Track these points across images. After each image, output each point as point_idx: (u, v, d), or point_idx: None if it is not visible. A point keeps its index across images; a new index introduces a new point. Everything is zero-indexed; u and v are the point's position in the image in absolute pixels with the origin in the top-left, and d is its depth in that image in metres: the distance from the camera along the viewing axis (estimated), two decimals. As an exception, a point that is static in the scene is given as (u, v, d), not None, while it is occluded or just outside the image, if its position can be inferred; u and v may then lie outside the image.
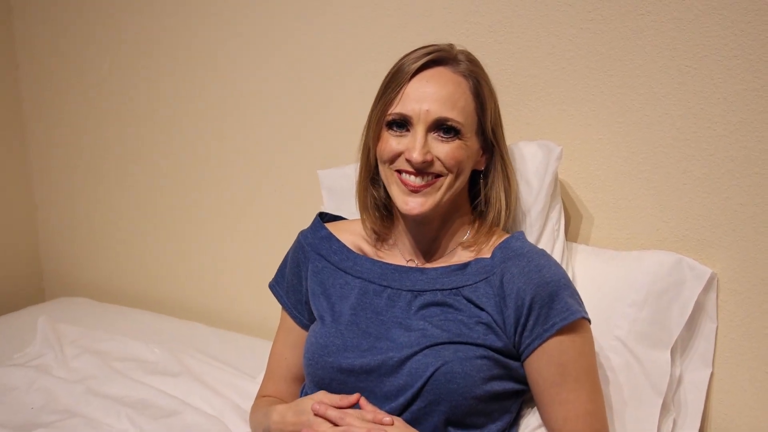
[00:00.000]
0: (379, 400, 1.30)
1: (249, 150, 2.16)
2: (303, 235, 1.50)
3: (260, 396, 1.52)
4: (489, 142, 1.37)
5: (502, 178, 1.39)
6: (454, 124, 1.29)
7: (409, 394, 1.27)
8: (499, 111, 1.38)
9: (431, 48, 1.33)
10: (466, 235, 1.40)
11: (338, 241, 1.45)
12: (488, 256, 1.36)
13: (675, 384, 1.50)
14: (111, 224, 2.52)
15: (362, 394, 1.30)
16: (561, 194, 1.59)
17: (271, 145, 2.11)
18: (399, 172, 1.32)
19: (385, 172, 1.35)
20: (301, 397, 1.43)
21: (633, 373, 1.47)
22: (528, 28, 1.63)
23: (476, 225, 1.41)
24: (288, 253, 1.52)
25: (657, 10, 1.48)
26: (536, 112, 1.65)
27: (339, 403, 1.29)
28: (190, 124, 2.26)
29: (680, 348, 1.51)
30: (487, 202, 1.40)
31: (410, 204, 1.31)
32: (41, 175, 2.64)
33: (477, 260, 1.36)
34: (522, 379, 1.33)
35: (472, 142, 1.33)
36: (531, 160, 1.54)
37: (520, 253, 1.33)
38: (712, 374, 1.52)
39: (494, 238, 1.40)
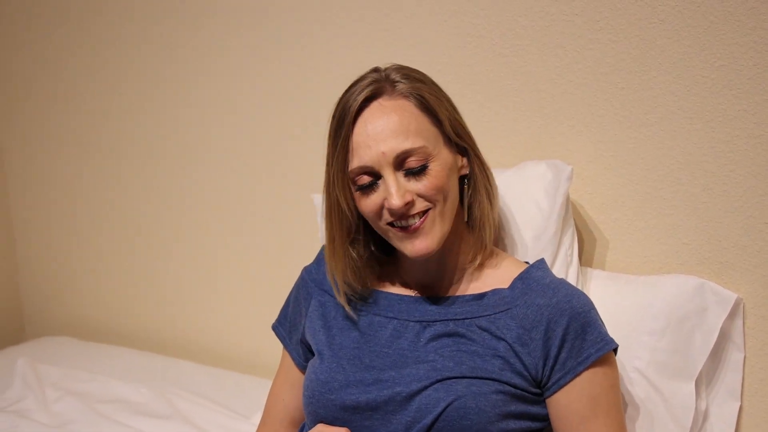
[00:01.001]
0: (384, 438, 1.26)
1: (238, 178, 2.15)
2: (307, 270, 1.47)
3: (255, 443, 1.49)
4: (460, 145, 1.33)
5: (482, 178, 1.35)
6: (417, 156, 1.25)
7: (417, 431, 1.22)
8: (455, 109, 1.33)
9: (362, 85, 1.28)
10: (469, 253, 1.36)
11: None
12: (505, 286, 1.33)
13: (701, 419, 1.46)
14: (94, 259, 2.53)
15: None
16: (573, 216, 1.57)
17: (262, 171, 2.10)
18: (390, 224, 1.28)
19: (380, 228, 1.31)
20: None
21: (654, 407, 1.43)
22: (533, 40, 1.62)
23: (470, 238, 1.36)
24: (291, 290, 1.49)
25: (670, 19, 1.46)
26: (544, 129, 1.64)
27: None
28: (174, 151, 2.26)
29: (705, 379, 1.48)
30: (471, 207, 1.35)
31: (417, 246, 1.27)
32: (20, 209, 2.66)
33: (494, 291, 1.33)
34: (540, 418, 1.29)
35: (444, 156, 1.29)
36: (540, 181, 1.53)
37: (544, 284, 1.31)
38: (741, 408, 1.49)
39: (502, 260, 1.37)
